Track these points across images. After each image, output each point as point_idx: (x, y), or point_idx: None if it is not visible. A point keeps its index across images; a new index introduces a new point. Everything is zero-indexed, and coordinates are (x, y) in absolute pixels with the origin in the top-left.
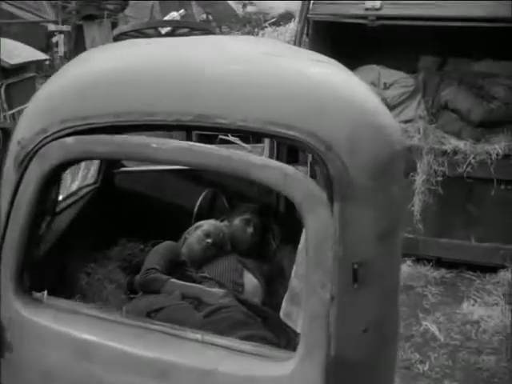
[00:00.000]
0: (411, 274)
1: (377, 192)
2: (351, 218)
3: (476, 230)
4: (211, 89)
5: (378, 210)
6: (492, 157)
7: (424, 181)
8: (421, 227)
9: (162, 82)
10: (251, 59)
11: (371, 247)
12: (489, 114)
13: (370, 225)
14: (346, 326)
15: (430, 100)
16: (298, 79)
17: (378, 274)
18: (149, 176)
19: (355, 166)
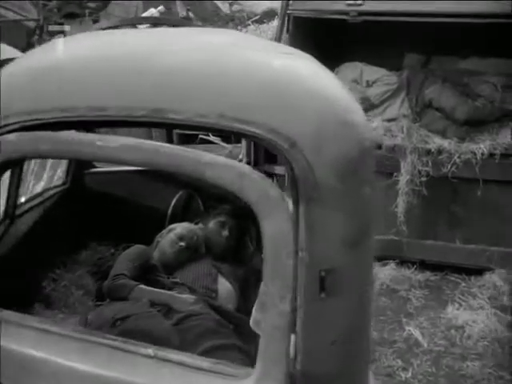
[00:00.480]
0: (395, 277)
1: (345, 193)
2: (318, 222)
3: (461, 231)
4: (165, 81)
5: (347, 213)
6: (477, 156)
7: (408, 181)
8: (404, 229)
9: (112, 74)
10: (212, 49)
11: (340, 253)
12: (474, 112)
13: (339, 229)
14: (313, 338)
15: (413, 98)
16: (261, 71)
17: (348, 282)
18: (121, 177)
19: (321, 165)
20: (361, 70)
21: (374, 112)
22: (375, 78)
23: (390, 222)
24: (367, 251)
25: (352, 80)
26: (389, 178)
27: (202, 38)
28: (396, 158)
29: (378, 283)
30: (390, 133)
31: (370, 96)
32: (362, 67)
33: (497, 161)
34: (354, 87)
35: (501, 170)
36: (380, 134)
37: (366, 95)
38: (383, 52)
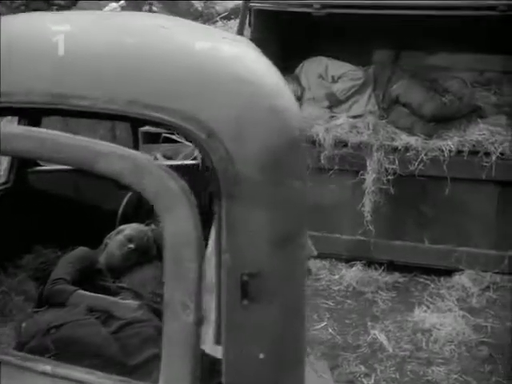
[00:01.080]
0: (362, 279)
1: (271, 188)
2: (240, 220)
3: (430, 231)
4: (67, 65)
5: (273, 209)
6: (445, 153)
7: (374, 180)
8: (372, 229)
9: (11, 58)
10: (131, 31)
11: (265, 255)
12: (441, 108)
13: (264, 228)
14: (238, 349)
15: (380, 94)
16: (180, 54)
17: (275, 286)
18: (68, 175)
19: (243, 156)
20: (326, 65)
21: (341, 108)
22: (340, 73)
23: (357, 221)
24: (297, 252)
25: (317, 75)
26: (355, 176)
27: (127, 21)
28: (362, 156)
29: (344, 285)
30: (356, 130)
31: (336, 92)
32: (328, 62)
33: (465, 158)
34: (320, 82)
35: (469, 168)
36: (345, 131)
37: (331, 91)
38: (353, 48)
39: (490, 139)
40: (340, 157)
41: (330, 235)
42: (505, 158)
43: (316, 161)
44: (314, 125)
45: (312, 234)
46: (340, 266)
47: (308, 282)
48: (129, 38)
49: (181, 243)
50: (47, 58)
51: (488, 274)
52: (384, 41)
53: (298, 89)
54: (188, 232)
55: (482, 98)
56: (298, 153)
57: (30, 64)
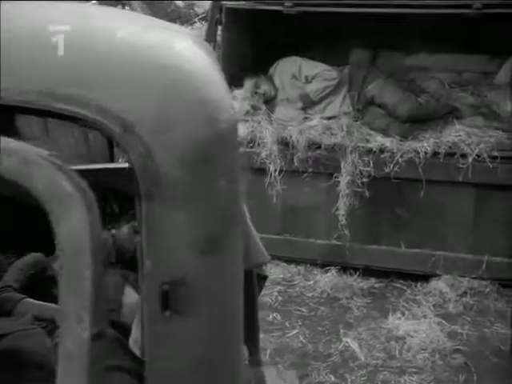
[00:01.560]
0: (336, 285)
1: (195, 187)
2: (160, 222)
3: (406, 235)
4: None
5: (197, 211)
6: (420, 155)
7: (348, 182)
8: (347, 233)
9: None
10: (55, 18)
11: (190, 262)
12: (417, 108)
13: (187, 231)
14: (159, 366)
15: (355, 95)
16: (100, 40)
17: (202, 296)
18: None
19: (164, 152)
20: (300, 65)
21: (315, 109)
22: (314, 74)
23: (332, 226)
24: (227, 258)
25: (291, 76)
26: (329, 179)
27: (61, 7)
28: (336, 158)
29: (318, 291)
30: (330, 131)
31: (309, 92)
32: (301, 62)
33: (441, 160)
34: (293, 83)
35: (445, 170)
36: (319, 132)
37: (304, 92)
38: (330, 48)
39: (467, 140)
40: (314, 159)
41: (304, 240)
42: (481, 160)
43: (289, 163)
44: (288, 126)
45: (287, 239)
46: (315, 272)
47: (263, 290)
48: (55, 25)
49: (74, 250)
50: None
51: (465, 279)
52: (361, 41)
53: (271, 89)
54: (82, 237)
55: (460, 98)
56: (227, 149)
57: None
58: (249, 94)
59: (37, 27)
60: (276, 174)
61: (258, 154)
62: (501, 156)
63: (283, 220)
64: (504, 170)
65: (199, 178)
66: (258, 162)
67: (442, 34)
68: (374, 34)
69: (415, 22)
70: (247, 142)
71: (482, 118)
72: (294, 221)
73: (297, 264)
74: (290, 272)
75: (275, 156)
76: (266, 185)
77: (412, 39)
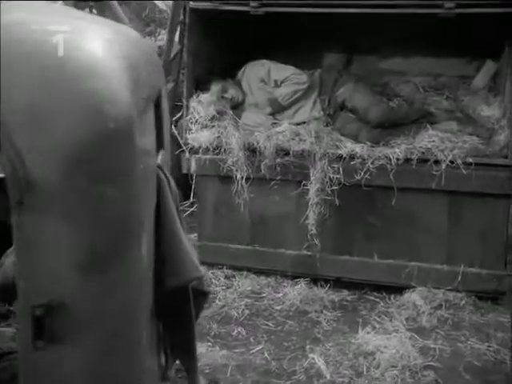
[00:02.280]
0: (306, 298)
1: (76, 195)
2: (35, 237)
3: (379, 245)
4: None
5: (79, 223)
6: (392, 162)
7: (318, 190)
8: (317, 243)
9: None
10: None
11: (69, 282)
12: (388, 112)
13: (68, 247)
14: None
15: (326, 99)
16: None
17: (85, 323)
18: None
19: (38, 154)
20: (268, 68)
21: (284, 115)
22: (283, 78)
23: (302, 235)
24: (118, 277)
25: (259, 80)
26: (298, 187)
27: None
28: (305, 165)
29: (287, 304)
30: (299, 137)
31: (278, 97)
32: (270, 65)
33: (413, 166)
34: (262, 87)
35: (418, 177)
36: (287, 138)
37: (273, 96)
38: (303, 51)
39: (440, 146)
40: (282, 166)
41: (274, 250)
42: (455, 167)
43: (257, 170)
44: (255, 132)
45: (256, 249)
46: (285, 284)
47: (207, 306)
48: None
49: None
50: None
51: (440, 291)
52: (335, 44)
53: (238, 94)
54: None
55: (434, 103)
56: (116, 149)
57: None
58: (215, 99)
59: None
60: (243, 182)
61: (225, 161)
62: (475, 162)
63: (252, 230)
64: (478, 176)
65: (78, 184)
66: (225, 170)
67: (417, 37)
68: (348, 37)
69: (390, 24)
70: (213, 148)
71: (456, 122)
72: (263, 230)
73: (267, 275)
74: (259, 284)
75: (242, 163)
76: (233, 193)
77: (388, 43)
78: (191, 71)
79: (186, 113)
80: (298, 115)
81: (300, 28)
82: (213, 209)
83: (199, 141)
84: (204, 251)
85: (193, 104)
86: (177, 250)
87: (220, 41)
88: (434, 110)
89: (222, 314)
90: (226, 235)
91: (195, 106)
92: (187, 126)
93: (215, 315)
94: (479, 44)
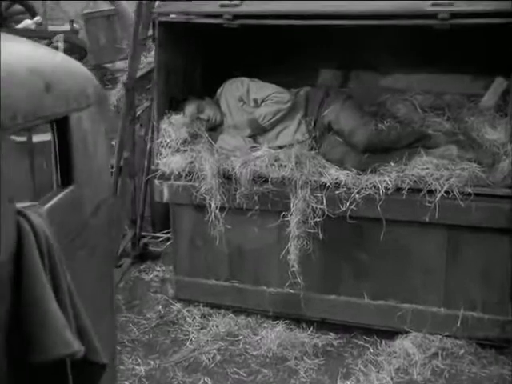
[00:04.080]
0: (285, 342)
1: None
2: None
3: (369, 283)
4: None
5: None
6: (380, 191)
7: (299, 222)
8: (300, 281)
9: None
10: None
11: None
12: (376, 135)
13: None
14: None
15: (312, 120)
16: None
17: None
18: None
19: None
20: (248, 86)
21: (266, 137)
22: (264, 96)
23: (284, 272)
24: None
25: (238, 99)
26: (278, 217)
27: None
28: (285, 194)
29: (265, 349)
30: (278, 162)
31: (258, 117)
32: (249, 83)
33: (404, 197)
34: (241, 107)
35: (409, 209)
36: (266, 164)
37: (253, 117)
38: (294, 67)
39: (435, 174)
40: (260, 195)
41: (254, 287)
42: (451, 197)
43: (233, 199)
44: (231, 157)
45: (235, 286)
46: (265, 325)
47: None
48: None
49: None
50: None
51: (437, 338)
52: (331, 59)
53: (216, 114)
54: None
55: (434, 124)
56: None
57: None
58: (188, 120)
59: None
60: (217, 212)
61: (198, 189)
62: (475, 193)
63: (230, 264)
64: (479, 208)
65: None
66: (198, 198)
67: (420, 51)
68: (345, 51)
69: (390, 38)
70: (185, 174)
71: (456, 147)
72: (242, 265)
73: (247, 315)
74: (237, 324)
75: (216, 191)
76: (208, 224)
77: (387, 58)
78: (162, 90)
79: (156, 135)
80: (280, 138)
81: (291, 41)
82: (188, 240)
83: (170, 166)
84: (180, 287)
85: (163, 126)
86: (40, 320)
87: (198, 57)
88: (433, 133)
89: (190, 359)
90: (202, 269)
91: (166, 128)
92: (158, 149)
93: (183, 361)
94: (488, 59)
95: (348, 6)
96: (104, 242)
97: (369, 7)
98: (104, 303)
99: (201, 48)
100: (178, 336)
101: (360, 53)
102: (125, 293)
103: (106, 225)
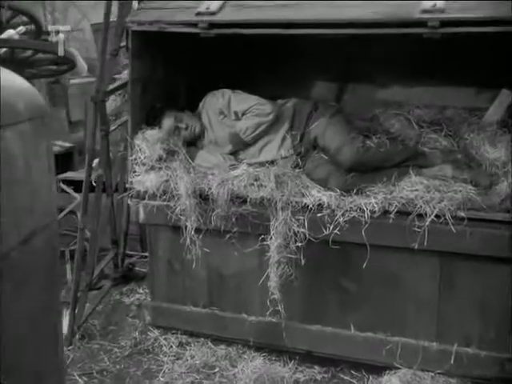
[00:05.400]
0: (264, 377)
1: None
2: None
3: (355, 314)
4: None
5: None
6: (365, 214)
7: (280, 246)
8: (281, 310)
9: None
10: None
11: None
12: (362, 154)
13: None
14: None
15: (298, 135)
16: None
17: None
18: None
19: None
20: (228, 98)
21: (249, 152)
22: (245, 109)
23: (265, 299)
24: None
25: (219, 112)
26: (258, 241)
27: None
28: (266, 216)
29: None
30: (258, 182)
31: (239, 131)
32: (230, 95)
33: (391, 221)
34: (221, 121)
35: (397, 234)
36: (244, 183)
37: (234, 131)
38: (287, 79)
39: (425, 197)
40: (239, 216)
41: (234, 316)
42: (443, 222)
43: (211, 221)
44: (208, 175)
45: (214, 313)
46: (246, 356)
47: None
48: None
49: None
50: None
51: (428, 375)
52: (326, 71)
53: (195, 124)
54: None
55: (431, 141)
56: None
57: None
58: (165, 135)
59: None
60: (193, 234)
61: (173, 209)
62: (469, 217)
63: (209, 290)
64: (474, 235)
65: None
66: (173, 219)
67: (419, 62)
68: (340, 62)
69: (387, 48)
70: (160, 194)
71: (451, 166)
72: (221, 291)
73: (227, 344)
74: (215, 355)
75: (191, 212)
76: (185, 246)
77: (385, 69)
78: (136, 104)
79: (130, 152)
80: (264, 153)
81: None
82: (166, 263)
83: (145, 185)
84: (157, 313)
85: (137, 142)
86: None
87: (183, 69)
88: (428, 151)
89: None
90: (180, 295)
91: (140, 144)
92: (132, 167)
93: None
94: (494, 69)
95: (328, 15)
96: (41, 272)
97: (349, 15)
98: (47, 358)
99: (186, 59)
100: (151, 367)
101: (356, 64)
102: (101, 317)
103: (45, 252)
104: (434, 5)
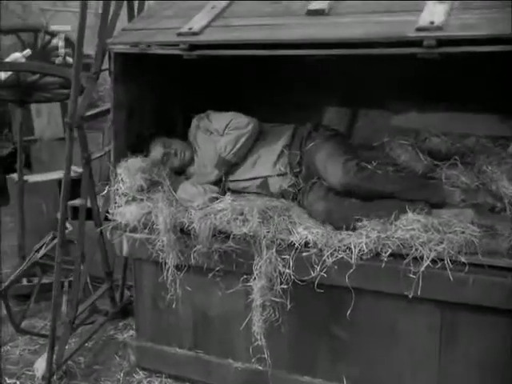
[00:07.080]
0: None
1: None
2: None
3: (347, 365)
4: None
5: None
6: (353, 255)
7: (263, 288)
8: (267, 357)
9: None
10: None
11: None
12: (355, 174)
13: None
14: None
15: (297, 155)
16: None
17: None
18: None
19: None
20: (211, 117)
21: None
22: (223, 126)
23: (251, 344)
24: None
25: (206, 130)
26: (238, 281)
27: None
28: (250, 254)
29: None
30: (243, 216)
31: (220, 149)
32: (212, 115)
33: (383, 265)
34: (208, 137)
35: (389, 279)
36: (228, 217)
37: (217, 150)
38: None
39: (422, 237)
40: (222, 253)
41: (219, 360)
42: (441, 267)
43: (190, 258)
44: (189, 209)
45: (199, 357)
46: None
47: None
48: None
49: None
50: None
51: None
52: (334, 96)
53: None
54: None
55: (451, 176)
56: None
57: None
58: (145, 165)
59: None
60: (172, 271)
61: (154, 244)
62: (470, 262)
63: (195, 331)
64: (477, 283)
65: None
66: (153, 255)
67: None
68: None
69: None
70: (141, 227)
71: (473, 211)
72: (206, 333)
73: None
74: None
75: (171, 247)
76: (167, 284)
77: (398, 93)
78: (119, 131)
79: (112, 182)
80: (258, 167)
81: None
82: (150, 301)
83: (126, 217)
84: (142, 354)
85: (119, 171)
86: None
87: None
88: (447, 188)
89: None
90: (165, 335)
91: (121, 173)
92: (113, 197)
93: None
94: None
95: (317, 34)
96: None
97: (337, 34)
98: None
99: (178, 84)
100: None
101: (366, 87)
102: (89, 355)
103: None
104: (432, 22)
